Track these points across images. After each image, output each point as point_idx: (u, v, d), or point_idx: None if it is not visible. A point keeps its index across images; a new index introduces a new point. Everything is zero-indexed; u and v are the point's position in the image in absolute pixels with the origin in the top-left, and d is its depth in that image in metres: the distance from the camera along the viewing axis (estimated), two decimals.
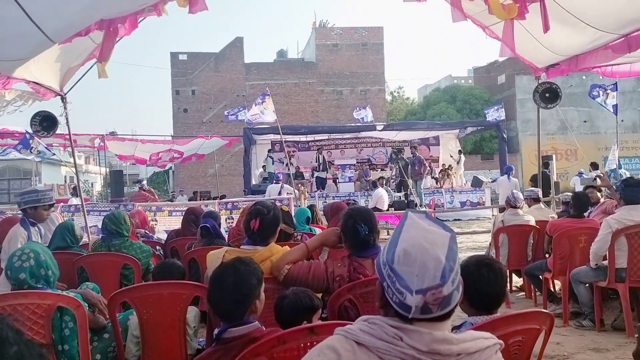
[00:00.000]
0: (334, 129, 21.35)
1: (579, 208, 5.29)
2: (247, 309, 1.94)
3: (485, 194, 17.74)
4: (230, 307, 1.93)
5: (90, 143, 16.27)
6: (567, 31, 5.10)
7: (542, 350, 2.15)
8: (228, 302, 1.92)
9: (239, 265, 1.98)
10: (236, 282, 1.93)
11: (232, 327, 1.92)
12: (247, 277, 1.96)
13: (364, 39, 38.16)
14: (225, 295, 1.93)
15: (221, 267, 2.02)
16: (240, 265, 1.98)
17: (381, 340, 1.17)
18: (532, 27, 4.79)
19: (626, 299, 4.48)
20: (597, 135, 30.26)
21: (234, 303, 1.92)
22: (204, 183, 31.75)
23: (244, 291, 1.93)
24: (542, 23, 4.03)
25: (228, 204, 11.23)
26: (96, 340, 3.06)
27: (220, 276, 1.97)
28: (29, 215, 4.18)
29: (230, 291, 1.92)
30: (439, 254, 1.18)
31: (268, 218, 2.87)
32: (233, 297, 1.92)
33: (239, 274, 1.95)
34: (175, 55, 36.61)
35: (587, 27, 4.84)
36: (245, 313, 1.94)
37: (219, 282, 1.96)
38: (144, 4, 4.13)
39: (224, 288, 1.93)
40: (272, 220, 2.90)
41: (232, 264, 2.00)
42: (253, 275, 1.98)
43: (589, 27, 4.84)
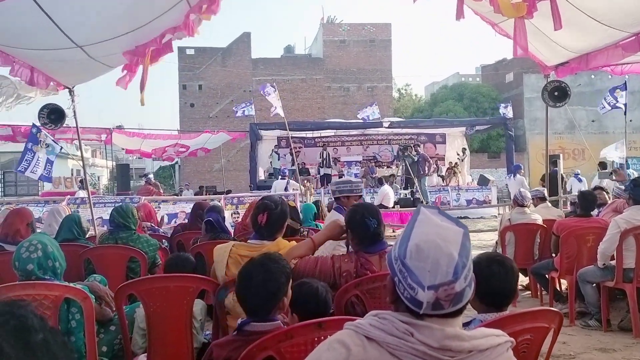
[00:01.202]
0: (340, 126, 21.30)
1: (585, 207, 5.25)
2: (275, 306, 1.97)
3: (492, 192, 17.68)
4: (259, 304, 1.95)
5: (96, 137, 16.32)
6: (577, 29, 5.06)
7: (550, 349, 2.14)
8: (257, 299, 1.95)
9: (269, 263, 1.99)
10: (265, 280, 1.94)
11: (256, 322, 1.94)
12: (277, 275, 1.97)
13: (372, 35, 38.06)
14: (254, 293, 1.95)
15: (250, 264, 2.02)
16: (270, 262, 1.99)
17: (392, 336, 1.16)
18: (543, 25, 4.76)
19: (634, 299, 4.45)
20: (605, 135, 30.03)
21: (263, 300, 1.95)
22: (209, 178, 31.81)
23: (272, 290, 1.95)
24: (553, 21, 3.99)
25: (234, 199, 11.27)
26: (102, 332, 3.07)
27: (250, 273, 1.98)
28: (342, 203, 4.36)
29: (260, 289, 1.94)
30: (452, 250, 1.17)
31: (276, 213, 2.87)
32: (262, 295, 1.94)
33: (269, 272, 1.96)
34: (183, 49, 36.62)
35: (599, 24, 4.80)
36: (272, 310, 1.96)
37: (248, 279, 1.97)
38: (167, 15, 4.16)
39: (253, 285, 1.95)
40: (280, 215, 2.90)
41: (262, 261, 2.00)
42: (282, 273, 2.00)
43: (600, 24, 4.80)
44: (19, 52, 4.44)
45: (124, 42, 4.32)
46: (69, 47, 4.24)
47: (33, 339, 0.60)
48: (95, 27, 4.16)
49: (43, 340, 0.61)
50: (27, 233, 4.06)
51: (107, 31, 4.21)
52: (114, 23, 4.13)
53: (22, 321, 0.61)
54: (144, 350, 2.96)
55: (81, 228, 4.62)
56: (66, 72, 5.18)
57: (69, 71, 5.08)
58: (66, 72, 5.11)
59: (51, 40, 4.12)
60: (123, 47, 4.36)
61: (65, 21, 3.83)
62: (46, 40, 4.17)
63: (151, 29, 4.19)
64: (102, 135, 15.92)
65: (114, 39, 4.28)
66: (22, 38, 4.16)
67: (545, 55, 6.52)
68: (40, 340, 0.61)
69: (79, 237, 4.54)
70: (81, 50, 4.35)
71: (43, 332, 0.62)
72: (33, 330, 0.61)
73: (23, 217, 4.29)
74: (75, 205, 8.97)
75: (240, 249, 2.85)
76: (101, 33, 4.24)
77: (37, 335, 0.61)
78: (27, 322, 0.61)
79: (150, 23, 4.12)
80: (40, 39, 4.19)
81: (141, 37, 4.27)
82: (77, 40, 4.18)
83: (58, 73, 5.16)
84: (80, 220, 4.70)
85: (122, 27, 4.16)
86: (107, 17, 4.05)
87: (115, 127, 18.52)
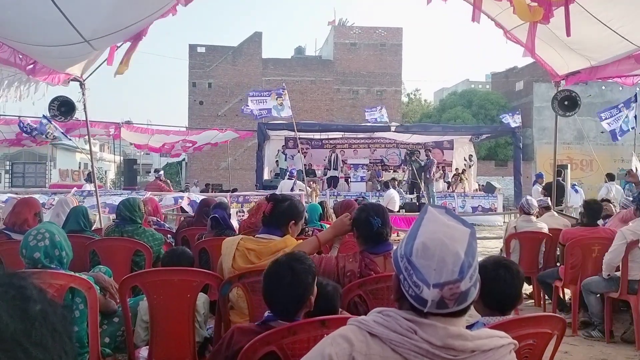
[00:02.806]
0: (348, 128, 21.27)
1: (591, 217, 5.23)
2: (303, 305, 1.98)
3: (498, 200, 17.61)
4: (287, 306, 1.96)
5: (105, 131, 16.40)
6: (593, 37, 5.04)
7: (552, 355, 2.13)
8: (285, 301, 1.96)
9: (295, 264, 1.99)
10: (293, 283, 1.95)
11: (283, 319, 1.95)
12: (304, 276, 1.98)
13: (383, 39, 38.04)
14: (282, 295, 1.96)
15: (277, 265, 2.02)
16: (296, 264, 1.99)
17: (395, 333, 1.17)
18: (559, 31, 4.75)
19: (637, 311, 4.41)
20: (613, 146, 29.81)
21: (292, 301, 1.96)
22: (216, 176, 31.88)
23: (300, 292, 1.96)
24: (566, 27, 3.99)
25: (239, 198, 11.30)
26: (106, 323, 3.09)
27: (277, 274, 1.98)
28: None
29: (288, 290, 1.95)
30: (458, 249, 1.17)
31: (282, 206, 2.88)
32: (290, 296, 1.95)
33: (296, 274, 1.96)
34: (194, 47, 36.77)
35: (613, 34, 4.78)
36: (300, 310, 1.98)
37: (276, 281, 1.98)
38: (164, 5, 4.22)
39: (281, 287, 1.96)
40: (286, 210, 2.90)
41: (289, 263, 2.00)
42: (309, 273, 2.00)
43: (614, 34, 4.79)
44: (23, 47, 4.45)
45: (128, 33, 4.35)
46: (77, 42, 4.26)
47: (31, 309, 0.60)
48: (104, 21, 4.17)
49: (41, 311, 0.60)
50: (35, 223, 4.08)
51: (114, 24, 4.23)
52: (122, 15, 4.16)
53: (21, 291, 0.61)
54: (146, 342, 2.97)
55: (88, 220, 4.66)
56: (66, 63, 5.16)
57: (68, 62, 5.06)
58: (66, 62, 5.09)
59: (59, 34, 4.13)
60: (124, 37, 4.38)
61: (75, 13, 3.84)
62: (54, 34, 4.18)
63: (150, 19, 4.24)
64: (111, 129, 15.99)
65: (119, 31, 4.31)
66: (30, 32, 4.16)
67: (559, 62, 6.49)
68: (39, 310, 0.60)
69: (86, 228, 4.57)
70: (88, 44, 4.36)
71: (42, 303, 0.61)
72: (32, 301, 0.60)
73: (31, 207, 4.31)
74: (81, 197, 9.01)
75: (248, 242, 2.87)
76: (109, 27, 4.26)
77: (35, 306, 0.60)
78: (26, 292, 0.61)
79: (152, 14, 4.16)
80: (48, 33, 4.20)
81: (142, 25, 4.32)
82: (85, 34, 4.19)
83: (59, 65, 5.16)
84: (87, 212, 4.73)
85: (129, 19, 4.19)
86: (117, 9, 4.07)
87: (124, 122, 18.59)
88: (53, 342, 0.60)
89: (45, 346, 0.59)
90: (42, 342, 0.58)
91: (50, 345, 0.59)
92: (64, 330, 0.63)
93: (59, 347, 0.61)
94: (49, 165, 25.92)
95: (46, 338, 0.59)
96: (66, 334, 0.63)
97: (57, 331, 0.61)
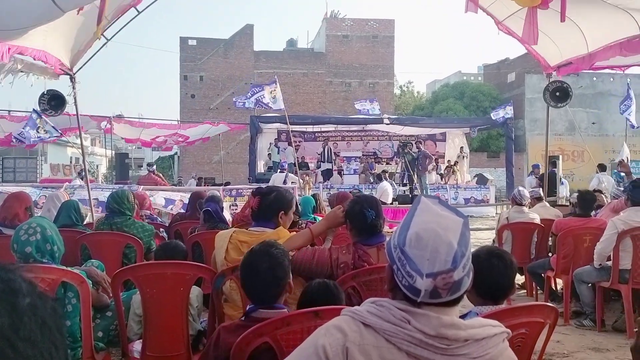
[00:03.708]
0: (340, 121, 21.26)
1: (584, 207, 5.26)
2: (283, 290, 2.00)
3: (490, 191, 17.70)
4: (267, 292, 1.98)
5: (96, 125, 16.29)
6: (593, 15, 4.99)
7: (545, 344, 2.15)
8: (265, 287, 1.97)
9: (271, 250, 2.01)
10: (272, 267, 1.97)
11: (264, 308, 1.95)
12: (281, 259, 2.00)
13: (375, 31, 37.95)
14: (261, 281, 1.97)
15: (253, 254, 2.03)
16: (271, 249, 2.02)
17: (388, 323, 1.17)
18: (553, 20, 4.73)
19: (628, 300, 4.46)
20: (605, 137, 30.10)
21: (271, 287, 1.97)
22: (208, 170, 31.76)
23: (280, 274, 1.98)
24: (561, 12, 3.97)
25: (232, 191, 11.28)
26: (99, 317, 3.07)
27: (255, 263, 1.99)
28: None
29: (267, 276, 1.96)
30: (451, 239, 1.17)
31: (268, 199, 2.87)
32: (270, 282, 1.97)
33: (273, 258, 1.98)
34: (185, 40, 36.52)
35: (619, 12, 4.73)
36: (281, 295, 2.00)
37: (254, 269, 1.99)
38: None
39: (260, 273, 1.96)
40: (273, 202, 2.88)
41: (265, 249, 2.02)
42: (285, 256, 2.04)
43: (615, 7, 4.73)
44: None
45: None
46: None
47: (20, 303, 0.57)
48: None
49: (30, 304, 0.58)
50: (26, 217, 4.05)
51: None
52: None
53: (9, 284, 0.58)
54: (140, 336, 2.97)
55: (79, 214, 4.62)
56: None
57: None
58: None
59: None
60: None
61: None
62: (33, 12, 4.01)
63: None
64: (102, 123, 15.88)
65: None
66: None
67: (553, 52, 6.48)
68: (28, 304, 0.58)
69: (77, 223, 4.54)
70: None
71: (31, 296, 0.59)
72: (20, 294, 0.58)
73: (22, 201, 4.28)
74: (72, 190, 8.97)
75: (240, 235, 2.86)
76: None
77: (24, 300, 0.58)
78: (14, 285, 0.58)
79: None
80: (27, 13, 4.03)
81: None
82: None
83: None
84: (78, 206, 4.70)
85: None
86: None
87: (115, 115, 18.48)
88: (42, 337, 0.58)
89: (35, 341, 0.57)
90: (31, 337, 0.56)
91: (39, 340, 0.57)
92: (55, 324, 0.61)
93: (48, 342, 0.58)
94: (39, 160, 25.74)
95: (35, 333, 0.57)
96: (57, 328, 0.61)
97: (47, 325, 0.59)
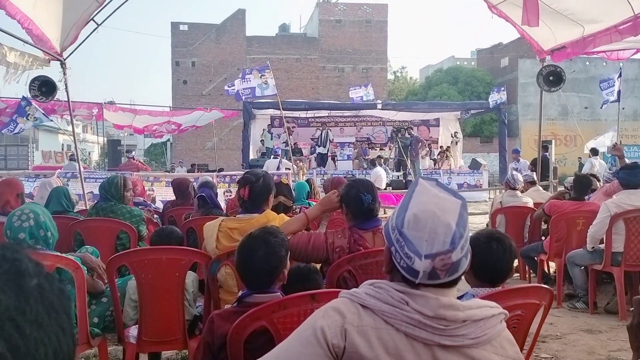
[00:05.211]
0: (334, 106, 21.19)
1: (579, 191, 5.28)
2: (276, 278, 2.00)
3: (483, 176, 17.76)
4: (261, 278, 1.98)
5: (87, 112, 16.12)
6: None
7: (540, 325, 2.17)
8: (259, 273, 1.97)
9: (269, 237, 2.01)
10: (267, 254, 1.97)
11: (257, 293, 1.96)
12: (277, 248, 2.00)
13: (368, 16, 37.70)
14: (256, 267, 1.97)
15: (251, 239, 2.04)
16: (270, 237, 2.02)
17: (387, 304, 1.17)
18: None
19: (621, 282, 4.51)
20: (597, 122, 30.19)
21: (265, 274, 1.97)
22: (202, 156, 31.66)
23: (275, 264, 1.98)
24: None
25: (226, 177, 11.25)
26: (94, 303, 3.06)
27: (251, 248, 2.00)
28: None
29: (262, 263, 1.96)
30: (450, 220, 1.17)
31: (257, 186, 2.86)
32: (265, 269, 1.97)
33: (270, 246, 1.98)
34: (176, 25, 36.14)
35: None
36: (274, 282, 2.00)
37: (250, 254, 1.99)
38: None
39: (255, 260, 1.97)
40: (262, 188, 2.88)
41: (262, 236, 2.02)
42: (282, 246, 2.03)
43: None
44: None
45: None
46: None
47: (27, 284, 0.56)
48: None
49: (37, 285, 0.57)
50: (17, 204, 4.01)
51: None
52: None
53: (15, 265, 0.57)
54: (135, 321, 2.97)
55: (70, 200, 4.58)
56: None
57: None
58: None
59: None
60: None
61: None
62: None
63: None
64: (94, 109, 15.71)
65: None
66: None
67: (547, 35, 6.45)
68: (35, 285, 0.57)
69: (68, 209, 4.51)
70: None
71: (38, 277, 0.58)
72: (27, 275, 0.57)
73: (13, 188, 4.24)
74: (65, 179, 8.91)
75: (230, 223, 2.86)
76: None
77: (31, 281, 0.57)
78: (20, 266, 0.57)
79: None
80: None
81: None
82: None
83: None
84: (68, 192, 4.65)
85: None
86: None
87: (107, 102, 18.30)
88: (49, 320, 0.57)
89: (41, 324, 0.56)
90: (38, 319, 0.55)
91: (46, 322, 0.56)
92: (61, 306, 0.60)
93: (55, 324, 0.57)
94: (31, 147, 25.55)
95: (42, 315, 0.56)
96: (63, 311, 0.60)
97: (54, 308, 0.58)
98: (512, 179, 6.24)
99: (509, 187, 6.26)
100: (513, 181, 6.23)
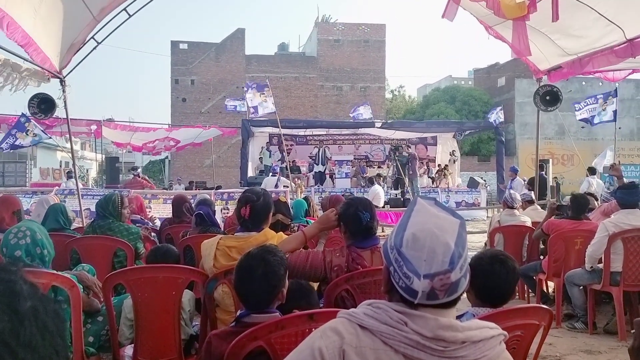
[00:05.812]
0: (332, 125, 21.28)
1: (577, 210, 5.28)
2: (275, 298, 1.99)
3: (481, 195, 17.77)
4: (260, 298, 1.96)
5: (86, 129, 16.15)
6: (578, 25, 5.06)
7: (539, 346, 2.15)
8: (258, 293, 1.96)
9: (268, 256, 2.00)
10: (266, 274, 1.95)
11: (255, 313, 1.94)
12: (277, 268, 1.99)
13: (366, 35, 38.06)
14: (255, 287, 1.96)
15: (249, 258, 2.02)
16: (269, 255, 2.00)
17: (385, 325, 1.16)
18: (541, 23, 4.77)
19: (620, 302, 4.48)
20: (594, 141, 30.33)
21: (264, 294, 1.96)
22: (200, 174, 31.65)
23: (274, 283, 1.97)
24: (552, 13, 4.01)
25: (224, 195, 11.22)
26: (90, 322, 3.03)
27: (250, 267, 1.98)
28: None
29: (261, 283, 1.95)
30: (448, 239, 1.16)
31: (258, 204, 2.86)
32: (263, 288, 1.96)
33: (269, 265, 1.97)
34: (176, 44, 36.42)
35: (600, 17, 4.80)
36: (272, 302, 1.99)
37: (248, 273, 1.97)
38: None
39: (254, 279, 1.96)
40: (263, 207, 2.88)
41: (261, 255, 2.01)
42: (281, 265, 2.02)
43: (601, 17, 4.80)
44: None
45: None
46: None
47: (21, 307, 0.56)
48: None
49: (32, 308, 0.56)
50: (13, 222, 3.97)
51: None
52: None
53: (10, 287, 0.57)
54: (131, 341, 2.94)
55: (67, 218, 4.56)
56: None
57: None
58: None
59: None
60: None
61: None
62: None
63: None
64: (92, 126, 15.74)
65: None
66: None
67: (539, 57, 6.54)
68: (29, 308, 0.56)
69: (65, 226, 4.49)
70: None
71: (32, 299, 0.57)
72: (22, 297, 0.56)
73: (9, 205, 4.21)
74: (62, 196, 8.88)
75: (228, 241, 2.84)
76: None
77: (25, 303, 0.56)
78: (15, 287, 0.57)
79: None
80: None
81: None
82: None
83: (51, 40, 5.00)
84: (65, 209, 4.63)
85: None
86: None
87: (106, 119, 18.34)
88: (44, 342, 0.56)
89: (35, 347, 0.55)
90: (32, 342, 0.55)
91: (40, 345, 0.56)
92: (56, 328, 0.59)
93: (49, 347, 0.57)
94: (29, 164, 25.53)
95: (36, 338, 0.55)
96: (58, 333, 0.59)
97: (48, 330, 0.58)
98: (510, 198, 6.24)
99: (507, 206, 6.25)
100: (511, 200, 6.23)
